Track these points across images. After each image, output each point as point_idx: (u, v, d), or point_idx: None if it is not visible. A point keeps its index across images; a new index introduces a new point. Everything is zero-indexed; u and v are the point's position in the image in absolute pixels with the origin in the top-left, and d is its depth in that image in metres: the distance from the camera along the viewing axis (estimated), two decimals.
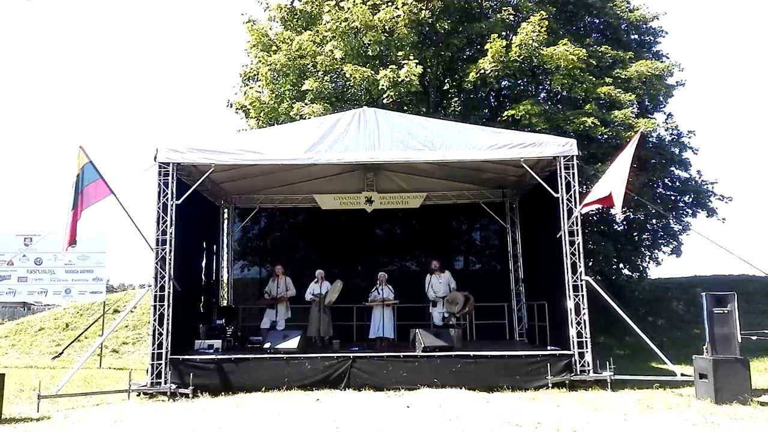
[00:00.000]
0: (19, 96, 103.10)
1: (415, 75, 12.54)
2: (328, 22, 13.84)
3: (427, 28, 14.40)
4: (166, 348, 8.72)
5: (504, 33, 14.11)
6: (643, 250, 15.69)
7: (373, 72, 12.99)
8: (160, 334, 8.76)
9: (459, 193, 13.09)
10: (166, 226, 9.03)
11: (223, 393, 8.48)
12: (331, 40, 13.81)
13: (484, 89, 14.35)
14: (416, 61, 12.80)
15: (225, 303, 13.03)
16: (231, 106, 15.99)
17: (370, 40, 13.30)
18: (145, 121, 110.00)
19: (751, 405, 7.28)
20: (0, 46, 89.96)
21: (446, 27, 14.04)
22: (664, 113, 15.81)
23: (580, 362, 8.82)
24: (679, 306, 17.17)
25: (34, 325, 16.31)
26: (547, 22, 13.21)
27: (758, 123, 66.92)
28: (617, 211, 8.90)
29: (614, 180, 8.50)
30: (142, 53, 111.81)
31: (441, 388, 8.50)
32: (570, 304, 8.99)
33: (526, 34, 12.92)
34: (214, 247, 12.72)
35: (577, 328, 8.91)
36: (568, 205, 9.24)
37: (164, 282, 8.90)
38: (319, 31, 14.41)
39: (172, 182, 9.15)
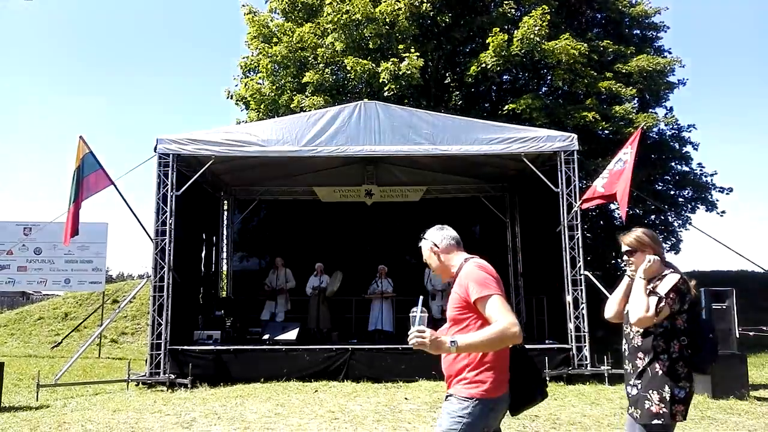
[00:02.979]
0: (19, 87, 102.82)
1: (416, 68, 12.52)
2: (329, 14, 13.79)
3: (429, 21, 14.36)
4: (165, 338, 8.75)
5: (505, 27, 14.07)
6: None
7: (374, 65, 12.96)
8: (160, 324, 8.79)
9: (459, 187, 13.08)
10: (165, 217, 9.04)
11: (221, 384, 8.51)
12: (332, 33, 13.78)
13: (485, 83, 14.32)
14: (417, 54, 12.76)
15: (224, 294, 13.06)
16: (231, 98, 15.96)
17: (371, 33, 13.27)
18: (146, 112, 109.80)
19: (747, 400, 7.33)
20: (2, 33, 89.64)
21: (447, 20, 13.99)
22: (665, 108, 15.81)
23: (578, 356, 8.86)
24: None
25: (34, 314, 16.34)
26: (548, 17, 13.16)
27: (760, 115, 66.81)
28: (622, 214, 8.92)
29: (617, 180, 8.47)
30: (143, 45, 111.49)
31: (439, 380, 8.53)
32: (569, 298, 9.03)
33: (528, 29, 12.88)
34: (214, 238, 12.73)
35: (575, 323, 8.94)
36: (568, 199, 9.26)
37: (164, 272, 8.92)
38: (320, 23, 14.36)
39: (172, 173, 9.16)
